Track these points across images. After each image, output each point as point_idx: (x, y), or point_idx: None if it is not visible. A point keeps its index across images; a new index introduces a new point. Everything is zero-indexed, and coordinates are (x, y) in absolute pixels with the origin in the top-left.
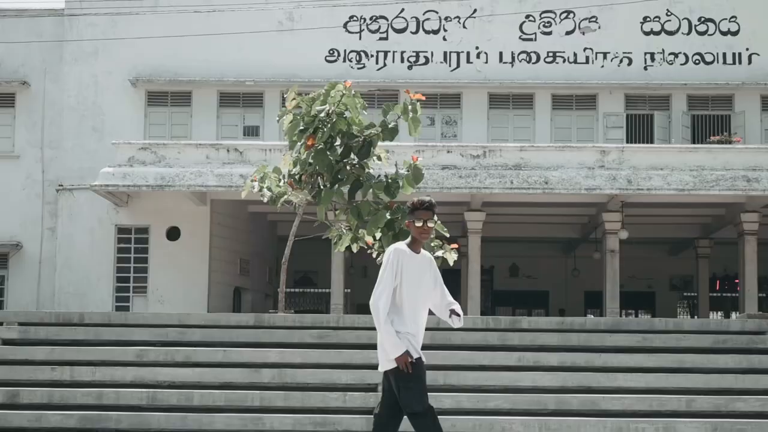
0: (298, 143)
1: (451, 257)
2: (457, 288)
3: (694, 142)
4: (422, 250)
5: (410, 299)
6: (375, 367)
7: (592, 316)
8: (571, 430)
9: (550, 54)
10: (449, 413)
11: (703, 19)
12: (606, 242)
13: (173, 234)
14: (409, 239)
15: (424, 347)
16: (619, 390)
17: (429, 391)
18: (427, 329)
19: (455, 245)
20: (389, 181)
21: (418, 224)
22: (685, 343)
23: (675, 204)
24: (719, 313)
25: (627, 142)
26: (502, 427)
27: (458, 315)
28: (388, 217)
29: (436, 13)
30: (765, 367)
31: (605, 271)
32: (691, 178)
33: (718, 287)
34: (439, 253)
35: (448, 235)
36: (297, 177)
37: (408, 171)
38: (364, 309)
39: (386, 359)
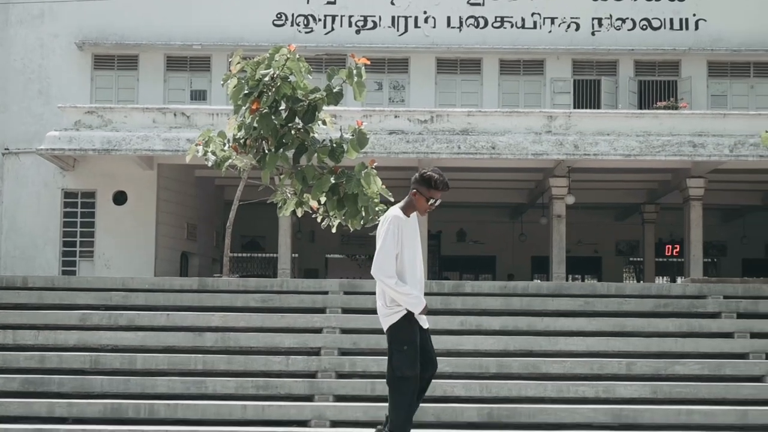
0: (243, 107)
1: None
2: None
3: (640, 108)
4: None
5: (410, 263)
6: (317, 330)
7: (539, 281)
8: (512, 393)
9: (498, 19)
10: None
11: None
12: (553, 207)
13: (120, 198)
14: (403, 204)
15: (368, 311)
16: (560, 353)
17: (358, 354)
18: (369, 294)
19: None
20: (334, 145)
21: (430, 202)
22: (626, 307)
23: (621, 169)
24: (665, 278)
25: (574, 108)
26: (443, 390)
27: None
28: (333, 182)
29: None
30: (705, 331)
31: (552, 236)
32: (638, 144)
33: (664, 252)
34: None
35: (392, 200)
36: (241, 141)
37: (353, 135)
38: (312, 274)
39: (384, 320)
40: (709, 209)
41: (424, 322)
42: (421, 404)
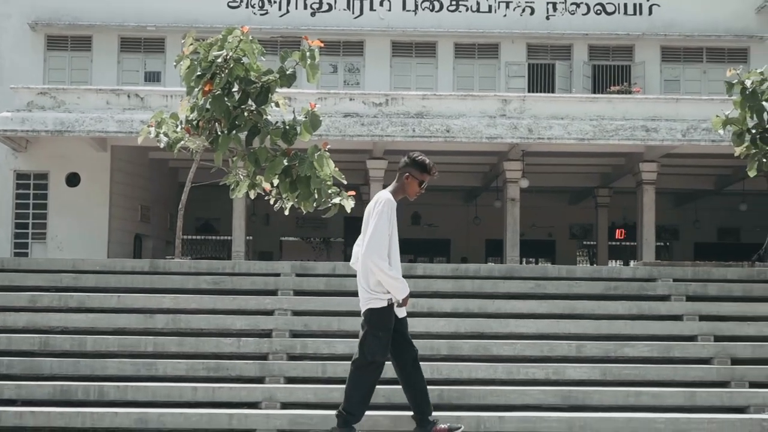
0: (196, 89)
1: (349, 204)
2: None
3: (594, 92)
4: None
5: (395, 246)
6: (269, 312)
7: (491, 264)
8: (462, 375)
9: (453, 2)
10: (343, 359)
11: None
12: (507, 191)
13: (73, 180)
14: (393, 188)
15: (320, 293)
16: (510, 336)
17: (309, 336)
18: (321, 276)
19: (352, 192)
20: (287, 127)
21: (421, 186)
22: (577, 289)
23: (575, 153)
24: (618, 262)
25: (528, 92)
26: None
27: None
28: (286, 164)
29: None
30: (654, 314)
31: (506, 219)
32: (591, 128)
33: (617, 236)
34: (337, 200)
35: (345, 182)
36: (194, 123)
37: (306, 118)
38: (267, 257)
39: (364, 302)
40: (662, 193)
41: (402, 311)
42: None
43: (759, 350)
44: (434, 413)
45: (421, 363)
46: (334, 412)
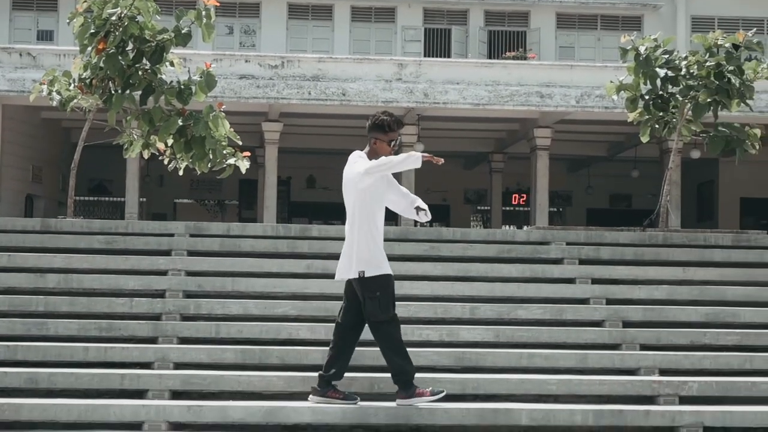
0: (89, 47)
1: (244, 165)
2: (254, 198)
3: (490, 58)
4: None
5: (380, 216)
6: (162, 273)
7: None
8: None
9: None
10: (237, 319)
11: None
12: None
13: None
14: (366, 152)
15: (214, 254)
16: (405, 297)
17: (203, 297)
18: (216, 236)
19: (247, 153)
20: (182, 87)
21: (392, 144)
22: (471, 252)
23: (470, 118)
24: (512, 227)
25: (424, 56)
26: (288, 333)
27: (423, 209)
28: (180, 124)
29: None
30: (547, 277)
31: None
32: (487, 93)
33: (511, 201)
34: (231, 160)
35: (240, 143)
36: (87, 81)
37: (201, 78)
38: (161, 219)
39: (350, 267)
40: (556, 159)
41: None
42: (265, 347)
43: (650, 313)
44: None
45: (316, 324)
46: (227, 373)
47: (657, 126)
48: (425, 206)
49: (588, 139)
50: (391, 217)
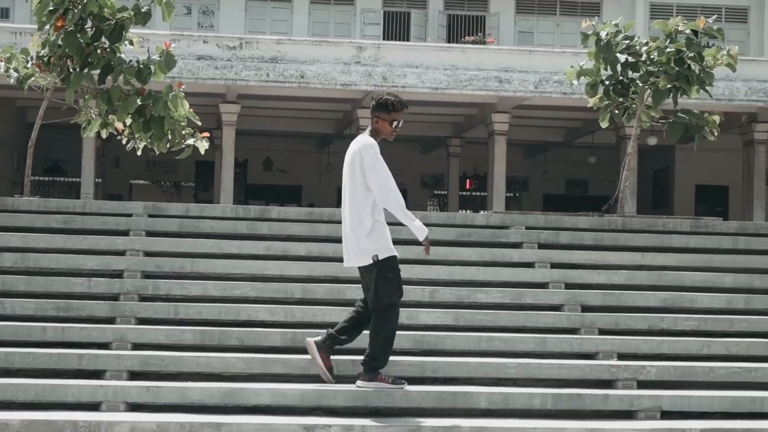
0: (47, 25)
1: (203, 146)
2: (210, 180)
3: (449, 42)
4: None
5: None
6: (120, 253)
7: None
8: (316, 318)
9: None
10: (195, 300)
11: None
12: None
13: None
14: (370, 132)
15: (173, 235)
16: None
17: (161, 277)
18: (174, 217)
19: (206, 134)
20: (141, 66)
21: (394, 125)
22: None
23: (429, 102)
24: (468, 211)
25: (383, 39)
26: (248, 314)
27: None
28: (139, 103)
29: None
30: (506, 261)
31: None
32: (445, 77)
33: (467, 186)
34: (191, 141)
35: (200, 124)
36: (45, 59)
37: (160, 57)
38: (116, 200)
39: (363, 254)
40: (513, 144)
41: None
42: (224, 328)
43: (608, 298)
44: (290, 356)
45: (275, 306)
46: (186, 354)
47: (617, 111)
48: None
49: (546, 125)
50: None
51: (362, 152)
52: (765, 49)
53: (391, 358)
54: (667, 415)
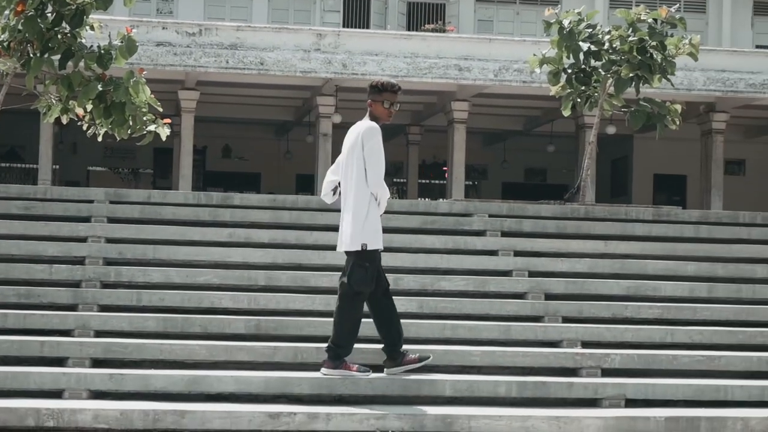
0: (7, 9)
1: (164, 132)
2: (169, 167)
3: (409, 30)
4: None
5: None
6: (82, 239)
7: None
8: (280, 305)
9: None
10: (158, 287)
11: None
12: (319, 126)
13: None
14: (369, 116)
15: (135, 221)
16: (328, 267)
17: (124, 264)
18: (136, 204)
19: (167, 120)
20: (102, 52)
21: (387, 105)
22: (394, 223)
23: None
24: (427, 199)
25: (343, 27)
26: (211, 302)
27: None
28: (100, 89)
29: None
30: (470, 249)
31: (318, 154)
32: (405, 65)
33: (427, 174)
34: (152, 127)
35: (161, 110)
36: (5, 44)
37: (122, 42)
38: (74, 185)
39: (354, 240)
40: (472, 133)
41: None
42: (188, 315)
43: (572, 286)
44: (254, 343)
45: (238, 293)
46: (149, 341)
47: (579, 100)
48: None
49: (505, 113)
50: (307, 188)
51: (365, 137)
52: (723, 39)
53: (356, 345)
54: (631, 403)
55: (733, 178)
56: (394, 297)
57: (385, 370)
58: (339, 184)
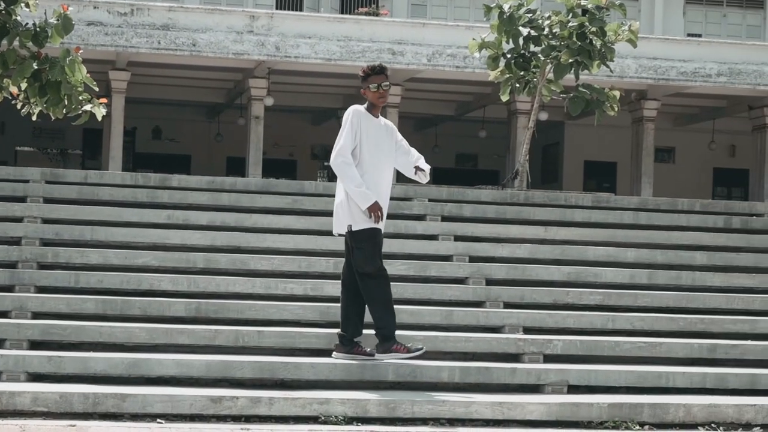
0: None
1: (100, 112)
2: (98, 148)
3: (342, 13)
4: (381, 117)
5: (371, 164)
6: (18, 219)
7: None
8: (220, 288)
9: None
10: (96, 269)
11: None
12: (251, 108)
13: None
14: (366, 104)
15: (72, 202)
16: (268, 251)
17: (61, 245)
18: (73, 184)
19: (103, 99)
20: (38, 29)
21: (374, 89)
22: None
23: (321, 73)
24: None
25: (276, 9)
26: (150, 284)
27: (423, 170)
28: (35, 67)
29: None
30: (410, 233)
31: (249, 137)
32: (339, 49)
33: None
34: (88, 107)
35: (97, 90)
36: None
37: (58, 20)
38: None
39: (341, 223)
40: (405, 117)
41: (424, 177)
42: (127, 298)
43: (513, 272)
44: (195, 326)
45: (177, 275)
46: (88, 323)
47: (518, 85)
48: (426, 167)
49: (437, 98)
50: (238, 171)
51: (343, 117)
52: (656, 26)
53: (297, 329)
54: (573, 389)
55: (662, 166)
56: (335, 281)
57: (334, 353)
58: None
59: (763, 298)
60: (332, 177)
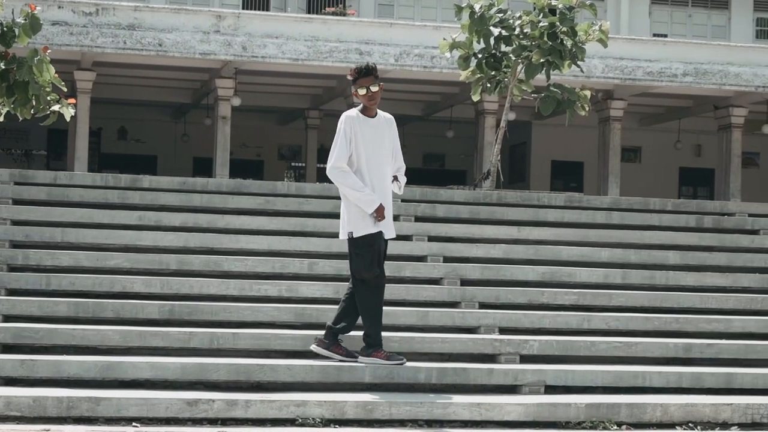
0: None
1: (68, 112)
2: (63, 149)
3: (309, 13)
4: (379, 112)
5: (372, 167)
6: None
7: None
8: (193, 290)
9: None
10: (68, 271)
11: None
12: (218, 109)
13: None
14: (360, 106)
15: (42, 203)
16: (241, 252)
17: (31, 247)
18: (43, 185)
19: (72, 99)
20: (5, 29)
21: (362, 92)
22: (307, 207)
23: (288, 73)
24: (326, 184)
25: (243, 9)
26: (122, 286)
27: (398, 181)
28: (3, 68)
29: None
30: None
31: (216, 137)
32: (306, 49)
33: (325, 158)
34: (56, 107)
35: (65, 90)
36: None
37: (26, 20)
38: None
39: (343, 229)
40: None
41: (391, 231)
42: (99, 300)
43: (488, 272)
44: (169, 329)
45: (150, 277)
46: (60, 326)
47: (489, 85)
48: (403, 179)
49: (404, 98)
50: (204, 171)
51: (338, 124)
52: (622, 26)
53: (273, 331)
54: (550, 389)
55: (629, 165)
56: (309, 282)
57: (313, 345)
58: None
59: (737, 297)
60: (300, 178)
